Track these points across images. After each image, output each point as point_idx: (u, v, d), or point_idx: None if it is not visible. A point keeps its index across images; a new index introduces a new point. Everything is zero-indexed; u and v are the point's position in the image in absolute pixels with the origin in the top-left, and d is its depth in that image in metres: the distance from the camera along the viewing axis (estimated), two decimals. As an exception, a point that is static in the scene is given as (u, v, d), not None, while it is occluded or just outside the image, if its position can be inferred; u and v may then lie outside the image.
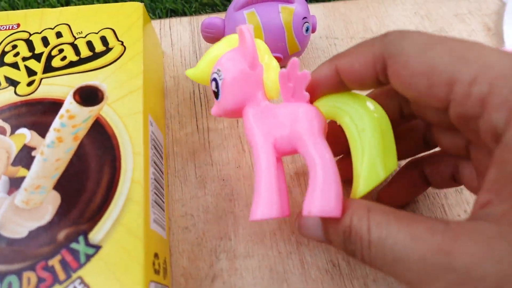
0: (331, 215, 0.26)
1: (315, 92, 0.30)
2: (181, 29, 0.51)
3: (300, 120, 0.29)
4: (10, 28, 0.38)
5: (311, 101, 0.30)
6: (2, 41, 0.37)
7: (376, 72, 0.26)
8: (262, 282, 0.35)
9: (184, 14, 0.55)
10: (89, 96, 0.34)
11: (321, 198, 0.26)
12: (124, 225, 0.28)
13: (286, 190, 0.30)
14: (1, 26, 0.38)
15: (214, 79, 0.31)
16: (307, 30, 0.42)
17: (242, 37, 0.30)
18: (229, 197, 0.39)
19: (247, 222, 0.37)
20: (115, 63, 0.36)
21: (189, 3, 0.57)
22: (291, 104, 0.30)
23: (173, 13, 0.55)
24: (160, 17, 0.55)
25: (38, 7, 0.55)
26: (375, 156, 0.28)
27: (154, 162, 0.34)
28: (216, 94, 0.31)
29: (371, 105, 0.29)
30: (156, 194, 0.33)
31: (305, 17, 0.42)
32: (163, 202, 0.35)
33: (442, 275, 0.21)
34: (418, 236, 0.22)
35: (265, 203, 0.28)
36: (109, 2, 0.56)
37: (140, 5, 0.40)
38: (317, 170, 0.27)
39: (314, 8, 0.53)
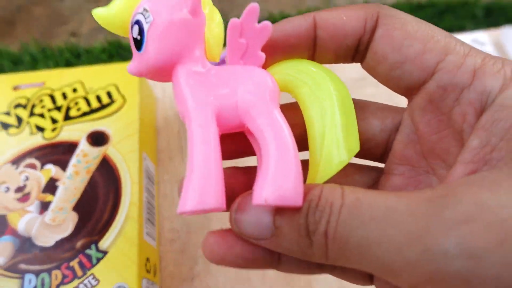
0: (291, 203, 0.21)
1: (274, 53, 0.25)
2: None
3: (251, 88, 0.24)
4: (37, 85, 0.49)
5: (264, 66, 0.25)
6: (31, 97, 0.48)
7: (363, 31, 0.24)
8: (231, 281, 0.45)
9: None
10: (98, 139, 0.45)
11: (280, 182, 0.21)
12: (124, 236, 0.39)
13: (223, 176, 0.23)
14: (31, 84, 0.49)
15: (138, 22, 0.23)
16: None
17: None
18: (207, 216, 0.49)
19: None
20: (117, 112, 0.47)
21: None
22: (239, 67, 0.25)
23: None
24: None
25: (55, 60, 0.66)
26: (338, 136, 0.24)
27: (147, 189, 0.45)
28: (138, 44, 0.23)
29: (333, 77, 0.25)
30: (148, 213, 0.43)
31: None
32: (154, 219, 0.46)
33: (449, 219, 0.18)
34: (404, 194, 0.20)
35: (200, 191, 0.21)
36: (113, 58, 0.67)
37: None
38: (271, 149, 0.22)
39: None
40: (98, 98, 0.48)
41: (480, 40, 0.67)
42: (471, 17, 0.80)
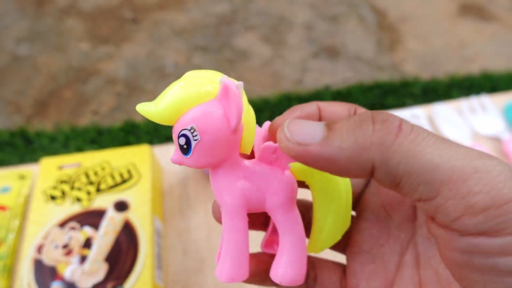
0: (298, 283, 0.26)
1: None
2: (171, 151, 0.71)
3: (279, 192, 0.26)
4: (76, 165, 0.58)
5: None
6: (72, 174, 0.57)
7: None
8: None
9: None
10: (121, 206, 0.54)
11: (292, 271, 0.26)
12: (141, 280, 0.47)
13: (248, 253, 0.26)
14: (71, 164, 0.58)
15: (184, 136, 0.23)
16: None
17: (227, 95, 0.23)
18: (202, 261, 0.58)
19: (212, 276, 0.56)
20: (135, 185, 0.56)
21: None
22: (268, 169, 0.26)
23: (169, 139, 0.76)
24: (161, 142, 0.75)
25: (83, 138, 0.76)
26: (336, 225, 0.27)
27: (157, 242, 0.54)
28: (184, 150, 0.24)
29: (342, 178, 0.27)
30: (158, 261, 0.52)
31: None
32: (162, 265, 0.54)
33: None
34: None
35: (233, 269, 0.25)
36: (129, 135, 0.77)
37: (148, 147, 0.60)
38: (286, 243, 0.26)
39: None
40: (121, 175, 0.57)
41: (417, 114, 0.72)
42: (410, 95, 0.88)
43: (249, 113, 0.25)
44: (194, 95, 0.24)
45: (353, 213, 0.29)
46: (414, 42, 1.43)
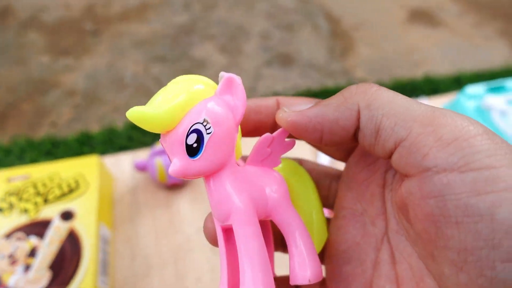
0: (319, 278, 0.24)
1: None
2: (125, 160, 0.72)
3: (277, 189, 0.25)
4: (25, 178, 0.59)
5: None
6: (21, 186, 0.58)
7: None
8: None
9: (127, 148, 0.77)
10: (67, 216, 0.55)
11: (314, 267, 0.24)
12: (83, 286, 0.48)
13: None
14: (20, 176, 0.59)
15: (196, 131, 0.21)
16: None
17: (231, 87, 0.23)
18: (148, 265, 0.59)
19: (158, 280, 0.58)
20: (83, 195, 0.57)
21: (131, 140, 0.79)
22: (261, 169, 0.25)
23: (122, 149, 0.77)
24: (115, 151, 0.77)
25: (38, 151, 0.76)
26: (321, 218, 0.27)
27: (103, 249, 0.55)
28: (193, 150, 0.22)
29: (308, 176, 0.28)
30: (103, 266, 0.53)
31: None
32: (108, 272, 0.56)
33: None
34: None
35: (268, 277, 0.22)
36: (83, 146, 0.78)
37: (97, 158, 0.61)
38: (297, 237, 0.25)
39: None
40: (69, 185, 0.58)
41: None
42: None
43: None
44: (194, 95, 0.22)
45: (329, 215, 0.30)
46: (366, 48, 1.47)
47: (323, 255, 0.29)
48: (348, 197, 0.28)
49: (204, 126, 0.21)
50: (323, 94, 0.91)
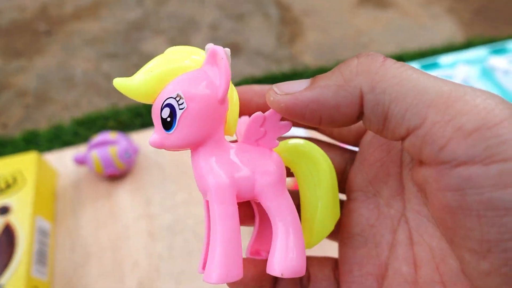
0: (298, 275, 0.23)
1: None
2: (69, 155, 0.74)
3: (269, 172, 0.23)
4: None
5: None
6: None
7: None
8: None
9: (72, 143, 0.79)
10: (2, 210, 0.56)
11: (289, 262, 0.22)
12: (16, 275, 0.50)
13: (241, 250, 0.23)
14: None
15: (169, 105, 0.21)
16: (127, 155, 0.66)
17: (215, 60, 0.22)
18: (88, 254, 0.61)
19: (96, 267, 0.61)
20: (20, 191, 0.59)
21: (76, 136, 0.81)
22: (255, 149, 0.24)
23: (68, 144, 0.79)
24: (63, 146, 0.79)
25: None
26: (327, 211, 0.25)
27: (40, 240, 0.57)
28: (167, 125, 0.22)
29: (325, 160, 0.26)
30: (39, 256, 0.55)
31: (125, 149, 0.65)
32: (46, 261, 0.57)
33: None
34: None
35: (224, 267, 0.21)
36: (30, 143, 0.80)
37: (35, 155, 0.63)
38: (280, 231, 0.23)
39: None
40: (6, 182, 0.60)
41: None
42: None
43: (233, 91, 0.24)
44: (176, 67, 0.22)
45: (343, 197, 0.28)
46: (314, 34, 1.50)
47: (337, 239, 0.28)
48: (358, 179, 0.26)
49: (177, 101, 0.21)
50: (267, 79, 0.94)
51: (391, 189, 0.25)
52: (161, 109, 0.22)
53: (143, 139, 0.73)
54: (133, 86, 0.22)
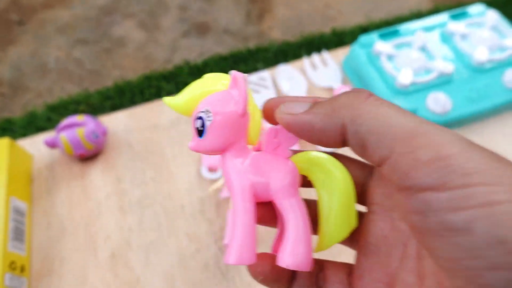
0: (304, 269, 0.26)
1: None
2: (41, 140, 0.76)
3: (283, 178, 0.28)
4: None
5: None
6: None
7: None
8: (76, 279, 0.62)
9: (46, 128, 0.82)
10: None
11: (296, 256, 0.26)
12: None
13: (256, 238, 0.27)
14: None
15: (201, 118, 0.27)
16: (95, 136, 0.70)
17: (236, 83, 0.27)
18: (62, 232, 0.66)
19: (72, 241, 0.65)
20: (-8, 175, 0.63)
21: (50, 121, 0.84)
22: (273, 157, 0.29)
23: (41, 130, 0.83)
24: (37, 132, 0.82)
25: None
26: (339, 217, 0.28)
27: (15, 219, 0.61)
28: (200, 132, 0.27)
29: (340, 171, 0.28)
30: (16, 233, 0.59)
31: (93, 130, 0.69)
32: (24, 237, 0.61)
33: None
34: None
35: (240, 251, 0.26)
36: (5, 132, 0.83)
37: (7, 140, 0.67)
38: (290, 228, 0.27)
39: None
40: (-21, 167, 0.64)
41: (264, 77, 0.78)
42: (263, 60, 0.96)
43: (255, 108, 0.29)
44: (207, 90, 0.28)
45: (364, 209, 0.31)
46: (283, 9, 1.52)
47: (355, 246, 0.31)
48: (378, 193, 0.29)
49: (207, 115, 0.27)
50: (231, 57, 0.96)
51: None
52: (195, 120, 0.27)
53: (113, 121, 0.77)
54: (178, 103, 0.28)
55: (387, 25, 1.07)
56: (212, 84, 0.29)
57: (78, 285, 0.60)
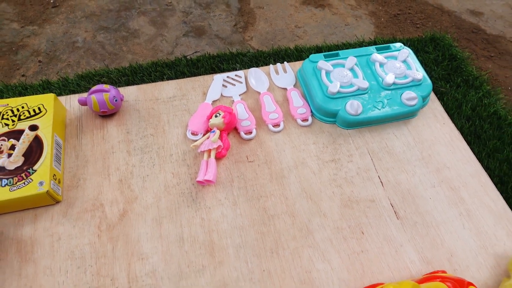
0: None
1: None
2: (73, 99, 0.95)
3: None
4: (4, 106, 0.81)
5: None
6: (2, 110, 0.80)
7: None
8: (96, 177, 0.80)
9: (76, 92, 0.99)
10: (33, 128, 0.77)
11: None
12: (44, 165, 0.71)
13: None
14: (2, 105, 0.81)
15: None
16: (115, 100, 0.88)
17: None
18: (85, 162, 0.84)
19: (91, 168, 0.83)
20: (43, 116, 0.80)
21: (79, 87, 1.01)
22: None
23: (72, 92, 1.00)
24: (69, 93, 0.99)
25: (13, 92, 0.98)
26: None
27: (56, 149, 0.79)
28: None
29: None
30: (56, 157, 0.77)
31: (114, 96, 0.87)
32: (60, 161, 0.79)
33: None
34: None
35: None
36: (45, 90, 1.00)
37: (52, 96, 0.84)
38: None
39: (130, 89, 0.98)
40: (34, 110, 0.81)
41: (239, 74, 0.90)
42: (241, 62, 1.14)
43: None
44: None
45: None
46: (263, 23, 1.68)
47: None
48: None
49: None
50: (215, 57, 1.13)
51: None
52: None
53: (127, 92, 0.94)
54: None
55: (335, 48, 1.26)
56: None
57: (95, 196, 0.77)
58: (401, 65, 0.93)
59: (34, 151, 0.73)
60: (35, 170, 0.70)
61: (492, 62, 1.46)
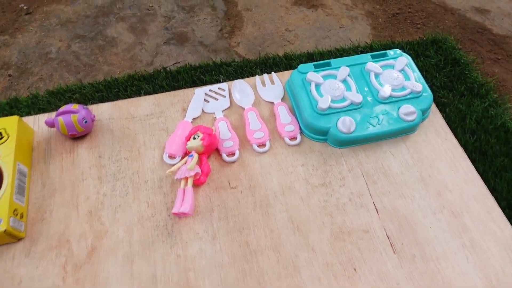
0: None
1: None
2: (42, 119, 0.90)
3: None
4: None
5: None
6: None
7: None
8: (65, 220, 0.77)
9: (46, 110, 0.95)
10: (-7, 157, 0.75)
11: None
12: (3, 200, 0.68)
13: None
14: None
15: None
16: (85, 122, 0.84)
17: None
18: (52, 190, 0.80)
19: (58, 197, 0.79)
20: (5, 142, 0.76)
21: (49, 104, 0.98)
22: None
23: (42, 110, 0.96)
24: (37, 113, 0.95)
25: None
26: None
27: (19, 179, 0.75)
28: None
29: None
30: (19, 189, 0.73)
31: (84, 117, 0.83)
32: (25, 192, 0.75)
33: None
34: None
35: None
36: (13, 109, 0.96)
37: (16, 118, 0.80)
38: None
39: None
40: (-6, 136, 0.78)
41: (223, 87, 0.88)
42: (224, 73, 1.11)
43: None
44: None
45: None
46: (251, 27, 1.65)
47: None
48: None
49: None
50: (199, 67, 1.10)
51: None
52: None
53: (100, 110, 0.90)
54: None
55: (327, 54, 1.22)
56: None
57: (61, 231, 0.74)
58: (398, 75, 0.89)
59: (-6, 184, 0.69)
60: (-7, 207, 0.67)
61: (499, 66, 1.42)
